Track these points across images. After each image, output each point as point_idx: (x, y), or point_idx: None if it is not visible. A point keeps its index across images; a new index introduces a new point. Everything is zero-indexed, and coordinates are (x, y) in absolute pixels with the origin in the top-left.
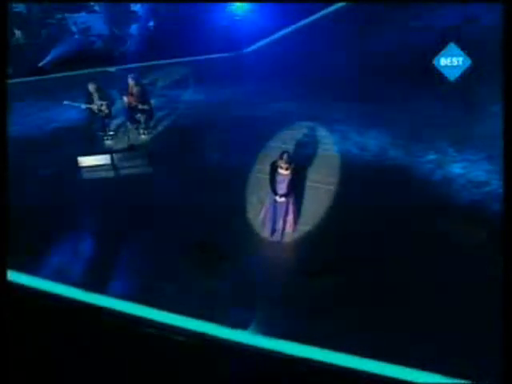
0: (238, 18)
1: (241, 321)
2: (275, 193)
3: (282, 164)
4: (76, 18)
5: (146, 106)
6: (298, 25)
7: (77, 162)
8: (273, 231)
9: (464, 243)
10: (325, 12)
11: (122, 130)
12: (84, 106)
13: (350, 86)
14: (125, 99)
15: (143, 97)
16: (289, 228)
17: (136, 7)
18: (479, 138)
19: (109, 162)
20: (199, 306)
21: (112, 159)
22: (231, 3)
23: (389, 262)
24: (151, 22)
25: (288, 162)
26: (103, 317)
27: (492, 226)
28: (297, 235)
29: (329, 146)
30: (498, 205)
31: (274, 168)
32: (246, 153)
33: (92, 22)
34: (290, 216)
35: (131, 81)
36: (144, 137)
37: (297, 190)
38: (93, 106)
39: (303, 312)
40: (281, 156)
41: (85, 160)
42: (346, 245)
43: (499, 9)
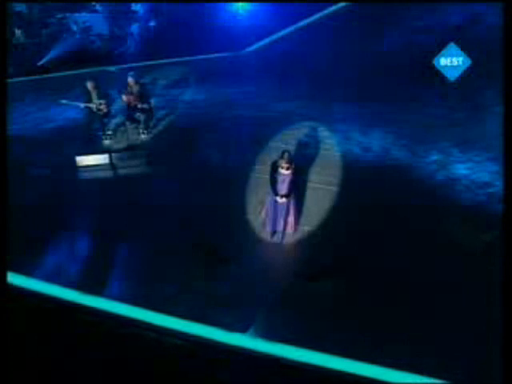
0: (238, 18)
1: (239, 324)
2: (276, 193)
3: (283, 164)
4: (77, 17)
5: (145, 105)
6: (299, 25)
7: (75, 162)
8: (273, 232)
9: (468, 244)
10: (326, 12)
11: (122, 129)
12: (82, 105)
13: (352, 85)
14: (124, 98)
15: (143, 96)
16: (289, 229)
17: (137, 7)
18: (484, 139)
19: (107, 162)
20: (197, 308)
21: (110, 159)
22: (232, 3)
23: (391, 263)
24: (152, 21)
25: (289, 162)
26: (100, 319)
27: (496, 228)
28: (298, 236)
29: (330, 146)
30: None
31: (274, 168)
32: (247, 153)
33: (93, 21)
34: (291, 217)
35: (131, 79)
36: (143, 136)
37: (298, 190)
38: (91, 105)
39: (304, 315)
40: (281, 155)
41: (83, 159)
42: (347, 246)
43: (499, 9)
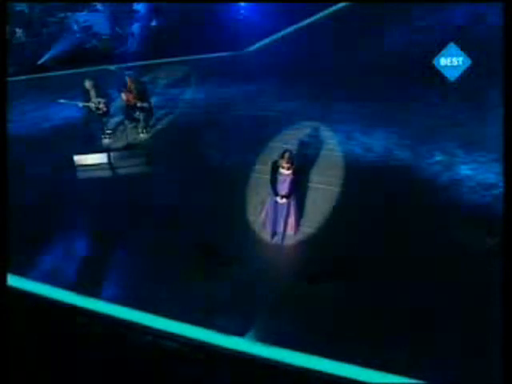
0: (239, 18)
1: (238, 328)
2: (276, 193)
3: (284, 163)
4: (78, 16)
5: (145, 104)
6: (301, 24)
7: (73, 161)
8: (273, 233)
9: (473, 247)
10: (327, 12)
11: (121, 128)
12: (81, 104)
13: (354, 85)
14: (123, 96)
15: (142, 95)
16: (290, 230)
17: (138, 6)
18: (489, 140)
19: (106, 161)
20: (195, 311)
21: (109, 158)
22: (233, 3)
23: (393, 265)
24: (153, 20)
25: (290, 162)
26: (98, 321)
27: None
28: (298, 238)
29: (332, 146)
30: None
31: (275, 168)
32: (247, 153)
33: (94, 20)
34: (292, 218)
35: (129, 78)
36: (143, 136)
37: (299, 190)
38: (90, 104)
39: (304, 318)
40: (282, 155)
41: (81, 159)
42: (349, 248)
43: (499, 9)
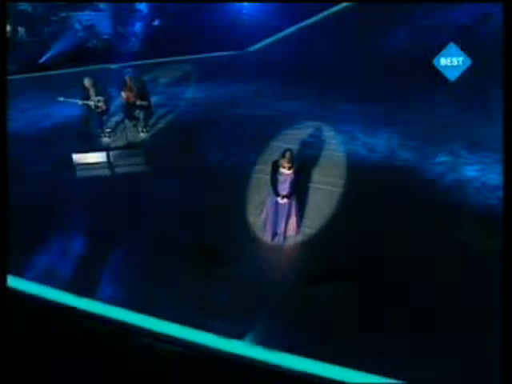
0: (241, 17)
1: (237, 331)
2: (277, 194)
3: (285, 163)
4: (80, 16)
5: (144, 103)
6: (302, 24)
7: (72, 160)
8: (274, 234)
9: (478, 249)
10: (329, 12)
11: (121, 127)
12: (80, 103)
13: (355, 85)
14: (123, 94)
15: (142, 93)
16: (291, 231)
17: (140, 6)
18: (495, 140)
19: (105, 160)
20: (194, 313)
21: (108, 157)
22: (234, 3)
23: (396, 267)
24: (155, 20)
25: (291, 161)
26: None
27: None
28: (299, 239)
29: (334, 145)
30: None
31: (275, 167)
32: (248, 153)
33: (96, 20)
34: (293, 218)
35: (129, 76)
36: (142, 135)
37: (300, 190)
38: (90, 102)
39: (304, 320)
40: (283, 155)
41: (80, 157)
42: (351, 249)
43: (499, 8)
